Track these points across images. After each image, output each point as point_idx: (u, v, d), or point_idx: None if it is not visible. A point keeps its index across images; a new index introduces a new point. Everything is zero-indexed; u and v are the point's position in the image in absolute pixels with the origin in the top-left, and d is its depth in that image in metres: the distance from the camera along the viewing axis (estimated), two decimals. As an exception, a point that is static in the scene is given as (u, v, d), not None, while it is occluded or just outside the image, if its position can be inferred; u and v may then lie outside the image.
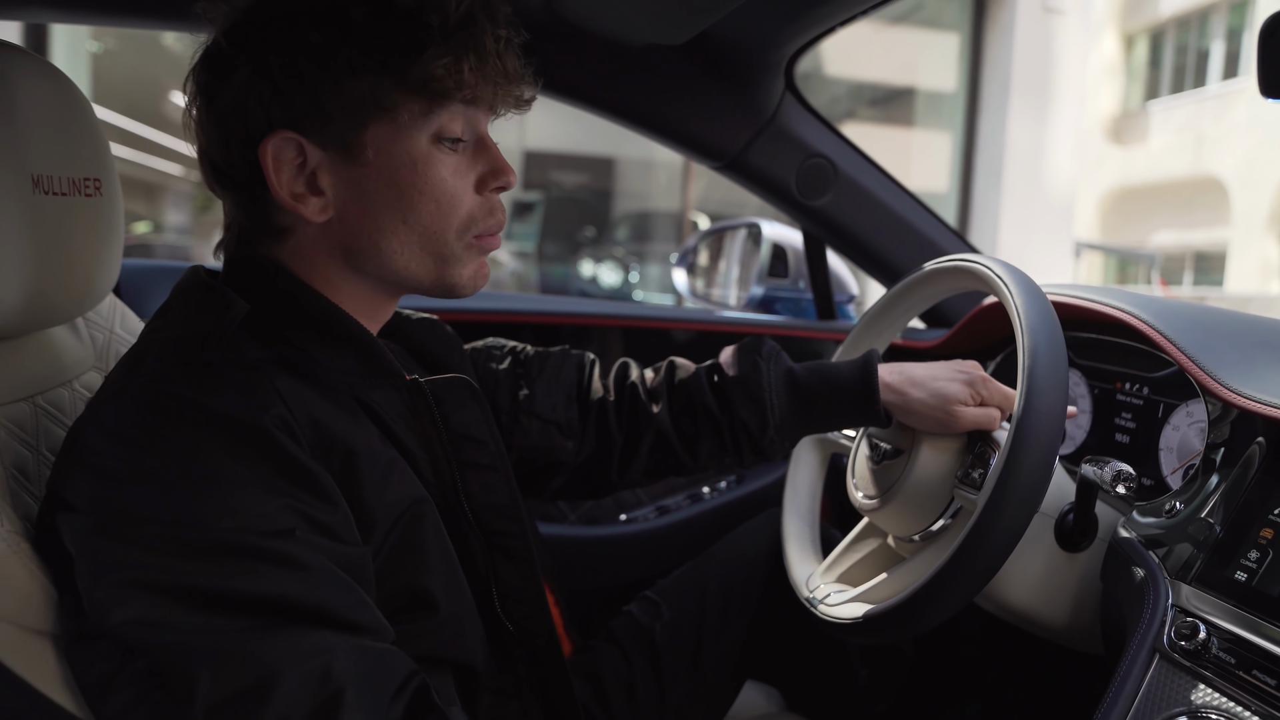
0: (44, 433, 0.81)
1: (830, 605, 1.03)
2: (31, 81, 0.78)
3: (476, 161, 0.80)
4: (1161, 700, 0.77)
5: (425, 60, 0.72)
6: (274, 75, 0.72)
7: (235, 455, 0.63)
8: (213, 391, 0.66)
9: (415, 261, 0.78)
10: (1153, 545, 0.91)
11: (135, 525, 0.60)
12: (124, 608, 0.58)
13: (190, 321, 0.74)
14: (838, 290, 1.79)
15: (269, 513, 0.63)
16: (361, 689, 0.61)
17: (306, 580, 0.63)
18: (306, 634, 0.61)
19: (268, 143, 0.73)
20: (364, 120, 0.73)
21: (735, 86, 1.37)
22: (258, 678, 0.58)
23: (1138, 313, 1.04)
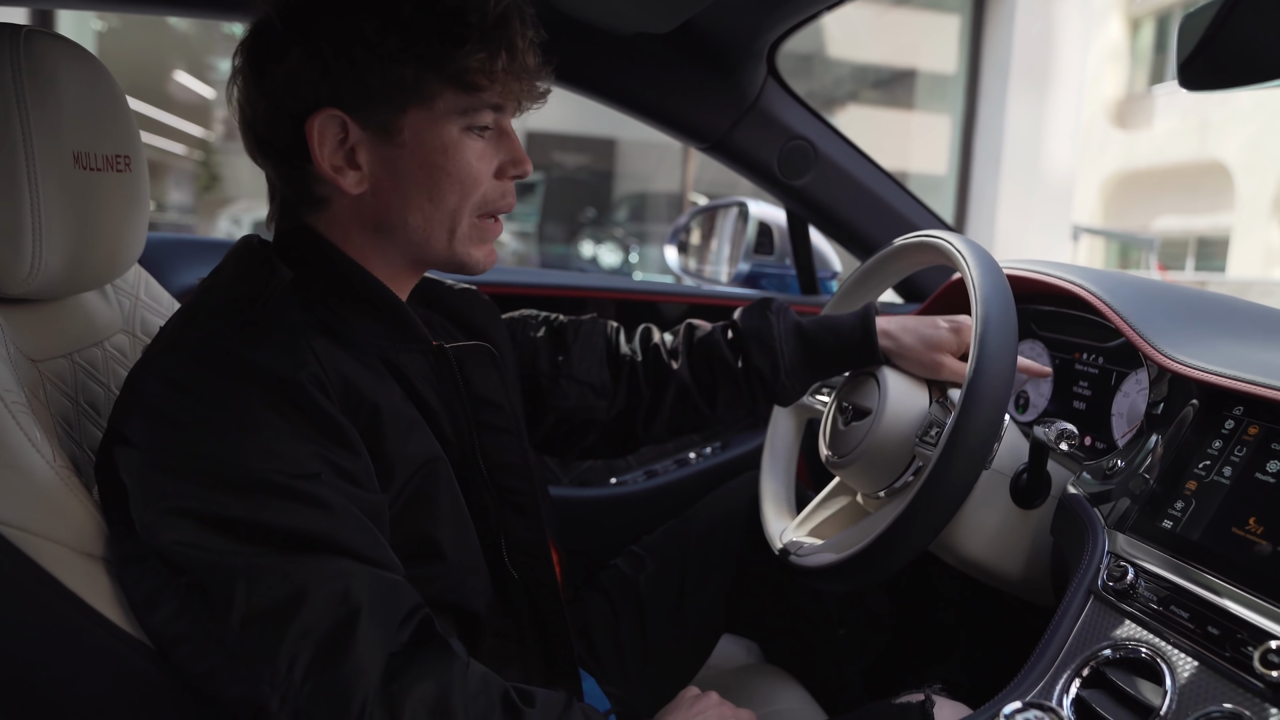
0: (81, 386, 0.89)
1: (801, 556, 1.11)
2: (69, 66, 0.86)
3: (499, 149, 0.87)
4: (1092, 635, 0.84)
5: (464, 54, 0.79)
6: (326, 57, 0.79)
7: (273, 406, 0.72)
8: (257, 348, 0.74)
9: (433, 236, 0.86)
10: (1098, 501, 0.98)
11: (183, 461, 0.69)
12: (170, 531, 0.67)
13: (241, 283, 0.82)
14: (820, 266, 1.86)
15: (299, 458, 0.71)
16: (375, 611, 0.70)
17: (329, 518, 0.71)
18: (329, 560, 0.69)
19: (315, 118, 0.79)
20: (404, 105, 0.80)
21: (720, 72, 1.44)
22: (286, 594, 0.67)
23: (1088, 285, 1.12)
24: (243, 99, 0.84)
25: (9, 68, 0.80)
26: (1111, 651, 0.81)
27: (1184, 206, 13.61)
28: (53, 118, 0.82)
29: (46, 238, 0.82)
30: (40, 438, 0.70)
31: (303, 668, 0.66)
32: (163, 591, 0.68)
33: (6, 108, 0.79)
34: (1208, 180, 12.98)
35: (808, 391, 1.24)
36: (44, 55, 0.83)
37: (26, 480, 0.67)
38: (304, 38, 0.79)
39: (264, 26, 0.82)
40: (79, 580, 0.67)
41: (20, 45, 0.81)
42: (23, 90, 0.80)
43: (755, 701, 1.20)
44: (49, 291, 0.86)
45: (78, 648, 0.67)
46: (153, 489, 0.68)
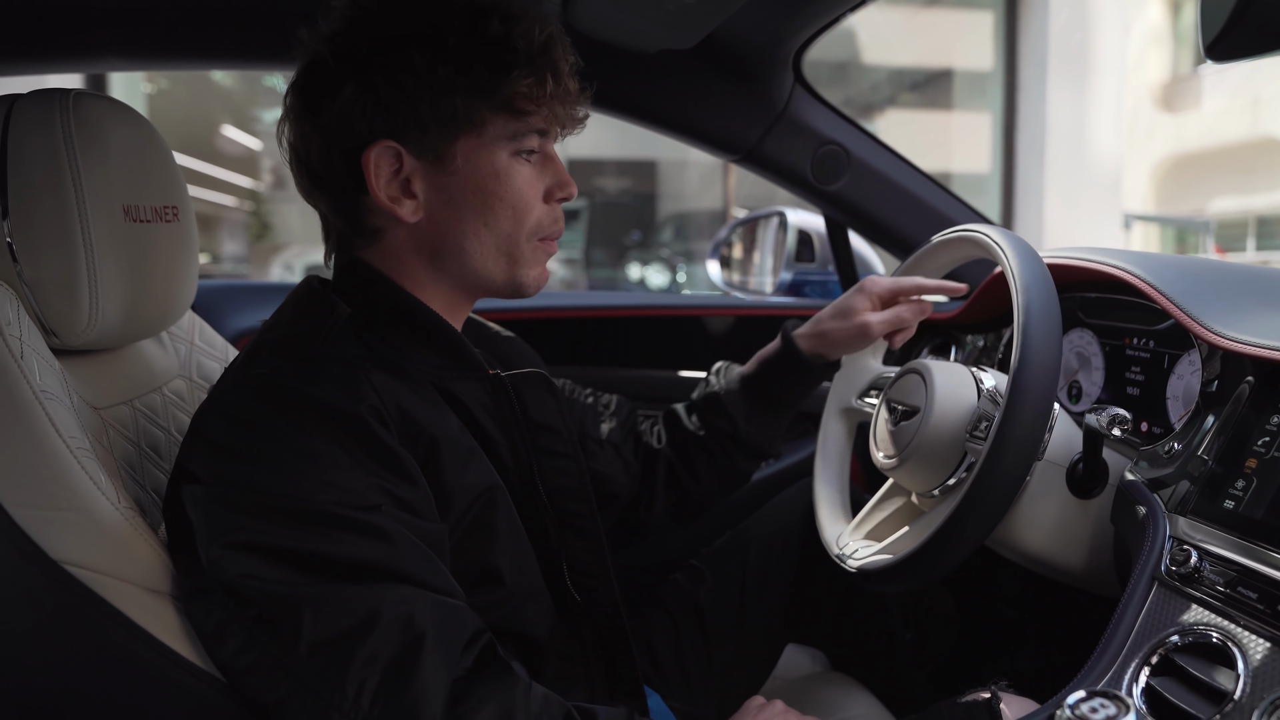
0: (143, 431, 0.92)
1: (858, 559, 1.11)
2: (116, 124, 0.90)
3: (545, 173, 0.89)
4: (1159, 622, 0.82)
5: (511, 81, 0.82)
6: (379, 90, 0.81)
7: (332, 439, 0.74)
8: (316, 383, 0.76)
9: (491, 261, 0.88)
10: (1156, 486, 0.96)
11: (247, 495, 0.71)
12: (236, 565, 0.69)
13: (300, 322, 0.85)
14: (862, 270, 1.85)
15: (360, 490, 0.73)
16: (439, 636, 0.71)
17: (390, 548, 0.72)
18: (393, 588, 0.71)
19: (370, 151, 0.82)
20: (455, 133, 0.83)
21: (746, 83, 1.44)
22: (352, 623, 0.69)
23: (1131, 268, 1.10)
24: (295, 138, 0.87)
25: (60, 128, 0.84)
26: (1180, 638, 0.79)
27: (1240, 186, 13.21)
28: (102, 174, 0.86)
29: (102, 289, 0.86)
30: (105, 481, 0.73)
31: (370, 694, 0.68)
32: (231, 624, 0.70)
33: (59, 167, 0.83)
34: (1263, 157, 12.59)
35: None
36: (91, 115, 0.87)
37: (93, 522, 0.70)
38: (357, 73, 0.82)
39: (316, 65, 0.84)
40: (147, 616, 0.69)
41: (70, 107, 0.85)
42: (73, 149, 0.84)
43: (824, 710, 1.19)
44: (107, 341, 0.90)
45: (148, 682, 0.69)
46: (218, 524, 0.70)
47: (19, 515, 0.69)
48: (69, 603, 0.68)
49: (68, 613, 0.69)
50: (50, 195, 0.83)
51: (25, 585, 0.70)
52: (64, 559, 0.69)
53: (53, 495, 0.70)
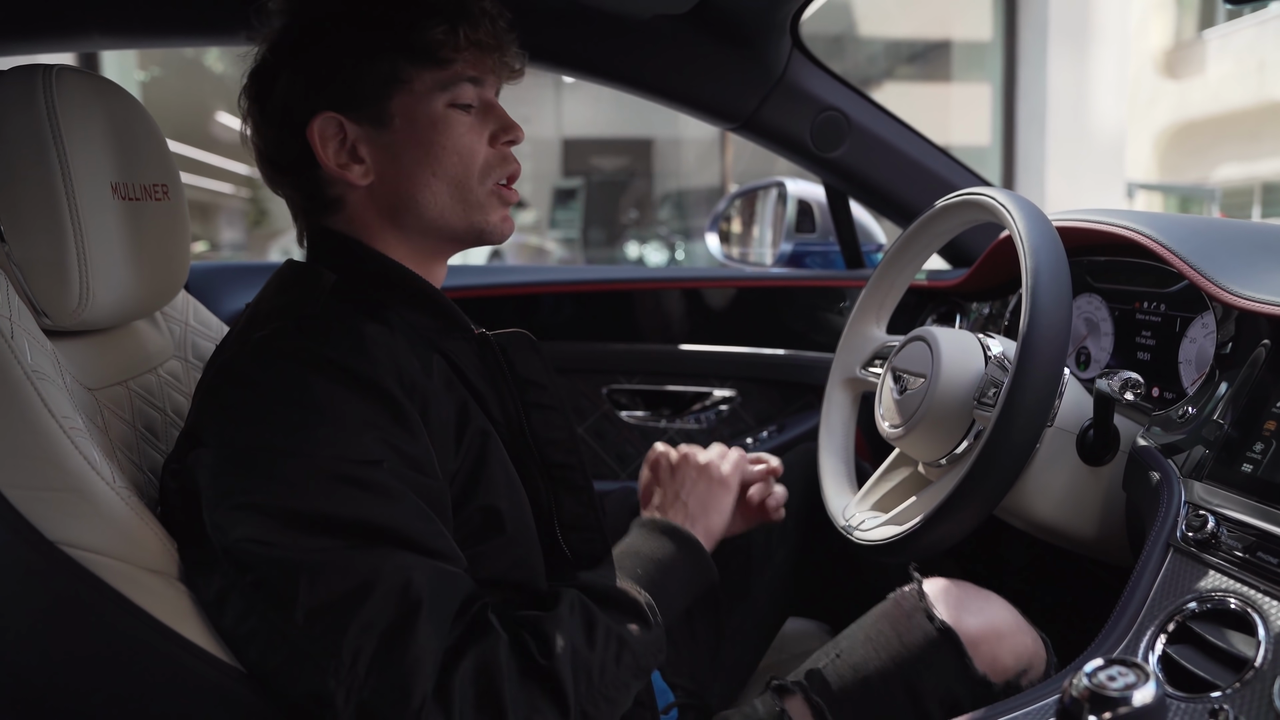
0: (138, 412, 0.91)
1: (864, 530, 1.09)
2: (102, 100, 0.88)
3: (487, 121, 0.90)
4: (1175, 589, 0.81)
5: (424, 31, 0.84)
6: (309, 69, 0.85)
7: (336, 392, 0.74)
8: (316, 339, 0.77)
9: (448, 210, 0.89)
10: (1170, 452, 0.95)
11: (249, 455, 0.72)
12: (238, 527, 0.69)
13: (290, 291, 0.87)
14: (864, 240, 1.83)
15: (364, 444, 0.73)
16: (435, 604, 0.71)
17: (392, 507, 0.72)
18: (392, 554, 0.71)
19: (313, 124, 0.85)
20: (388, 93, 0.86)
21: (743, 48, 1.42)
22: (350, 588, 0.68)
23: (1142, 229, 1.08)
24: (252, 134, 0.91)
25: (43, 104, 0.82)
26: (1197, 604, 0.78)
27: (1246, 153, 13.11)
28: (88, 151, 0.84)
29: (93, 268, 0.84)
30: (100, 461, 0.71)
31: (366, 660, 0.67)
32: (231, 591, 0.70)
33: (43, 144, 0.81)
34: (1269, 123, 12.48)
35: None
36: (75, 90, 0.85)
37: (89, 503, 0.69)
38: (291, 58, 0.86)
39: (258, 65, 0.89)
40: (146, 596, 0.68)
41: (52, 82, 0.83)
42: (57, 125, 0.82)
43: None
44: (100, 321, 0.88)
45: (146, 661, 0.68)
46: (221, 486, 0.71)
47: (14, 497, 0.68)
48: (67, 584, 0.68)
49: (66, 594, 0.68)
50: (35, 173, 0.81)
51: (23, 567, 0.69)
52: (61, 540, 0.68)
53: (47, 476, 0.69)
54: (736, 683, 1.22)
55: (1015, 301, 1.39)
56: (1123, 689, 0.55)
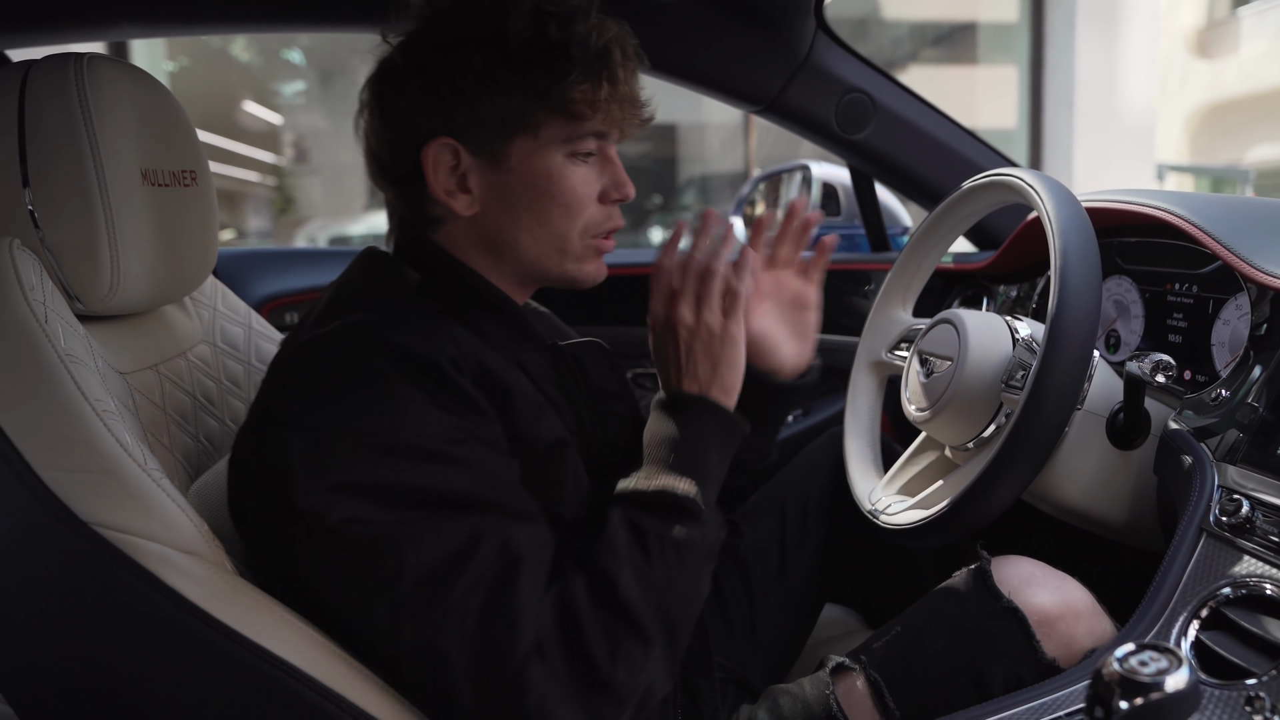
0: (168, 395, 0.92)
1: (890, 514, 1.09)
2: (132, 87, 0.89)
3: (602, 174, 0.91)
4: (1208, 574, 0.80)
5: (566, 85, 0.84)
6: (439, 90, 0.85)
7: (414, 383, 0.76)
8: (399, 332, 0.78)
9: (544, 256, 0.90)
10: (1203, 435, 0.93)
11: (338, 437, 0.73)
12: (336, 508, 0.71)
13: (375, 279, 0.88)
14: (890, 223, 1.82)
15: (444, 426, 0.76)
16: (533, 559, 0.74)
17: (480, 479, 0.75)
18: (486, 515, 0.74)
19: (430, 147, 0.85)
20: (511, 134, 0.86)
21: (767, 30, 1.41)
22: (452, 552, 0.71)
23: (1174, 209, 1.06)
24: (368, 129, 0.91)
25: (75, 92, 0.83)
26: (1231, 590, 0.77)
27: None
28: (119, 138, 0.85)
29: (123, 253, 0.85)
30: (131, 443, 0.72)
31: (474, 617, 0.71)
32: (333, 566, 0.72)
33: (76, 131, 0.82)
34: (1305, 104, 12.21)
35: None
36: (106, 78, 0.86)
37: (121, 484, 0.70)
38: (421, 73, 0.85)
39: (387, 63, 0.88)
40: (176, 576, 0.69)
41: (84, 71, 0.84)
42: (89, 112, 0.83)
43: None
44: (130, 306, 0.89)
45: (177, 641, 0.69)
46: (313, 468, 0.72)
47: (49, 478, 0.69)
48: (100, 564, 0.68)
49: (99, 573, 0.69)
50: (68, 159, 0.82)
51: (58, 547, 0.70)
52: (94, 521, 0.68)
53: (80, 458, 0.70)
54: (781, 664, 1.22)
55: (1043, 284, 1.37)
56: (1155, 674, 0.54)
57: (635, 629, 0.75)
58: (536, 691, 0.70)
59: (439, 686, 0.71)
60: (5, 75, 0.84)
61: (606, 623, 0.74)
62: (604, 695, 0.73)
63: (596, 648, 0.73)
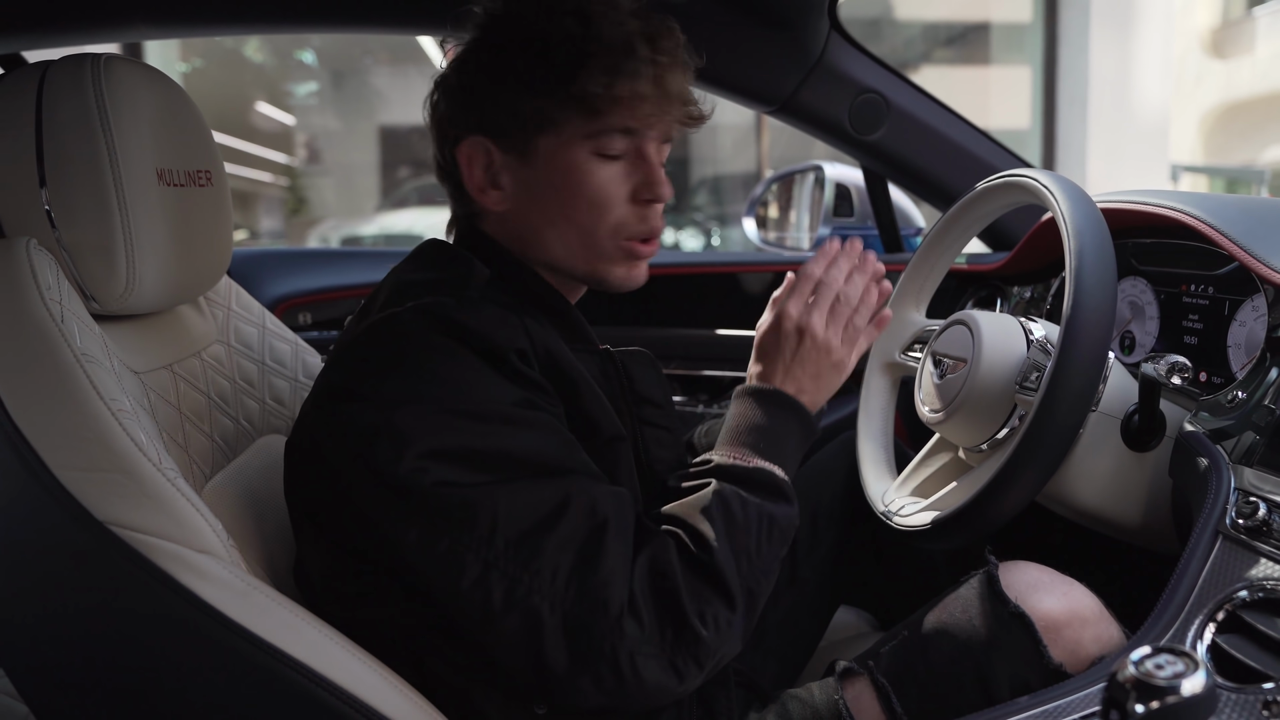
0: (183, 395, 0.93)
1: (904, 516, 1.08)
2: (149, 88, 0.89)
3: (634, 173, 0.90)
4: (1224, 578, 0.79)
5: (581, 81, 0.84)
6: (473, 92, 0.89)
7: (484, 360, 0.78)
8: (474, 317, 0.80)
9: (571, 254, 0.91)
10: (1219, 437, 0.93)
11: (422, 405, 0.75)
12: (427, 474, 0.73)
13: (446, 268, 0.90)
14: (903, 224, 1.81)
15: (514, 395, 0.78)
16: (619, 521, 0.76)
17: (556, 442, 0.78)
18: (573, 478, 0.76)
19: (464, 144, 0.89)
20: (535, 131, 0.87)
21: (781, 30, 1.41)
22: (544, 511, 0.73)
23: (1190, 210, 1.05)
24: (429, 126, 0.95)
25: (92, 92, 0.83)
26: (1248, 593, 0.76)
27: (1295, 135, 12.74)
28: (135, 137, 0.86)
29: (138, 253, 0.85)
30: (146, 443, 0.73)
31: (565, 575, 0.73)
32: (426, 531, 0.73)
33: (92, 131, 0.83)
34: (1321, 104, 12.11)
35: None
36: (123, 79, 0.86)
37: (136, 483, 0.70)
38: (460, 77, 0.90)
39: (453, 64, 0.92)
40: (191, 575, 0.69)
41: (101, 71, 0.84)
42: (106, 113, 0.83)
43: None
44: (145, 306, 0.90)
45: (191, 640, 0.70)
46: (398, 438, 0.74)
47: (65, 478, 0.70)
48: (115, 563, 0.69)
49: (114, 572, 0.69)
50: (84, 160, 0.83)
51: (74, 546, 0.71)
52: (109, 520, 0.69)
53: (96, 458, 0.70)
54: (792, 668, 1.22)
55: (1057, 285, 1.37)
56: (1171, 678, 0.53)
57: (724, 593, 0.77)
58: (629, 648, 0.72)
59: (531, 648, 0.72)
60: (22, 76, 0.85)
61: (698, 584, 0.76)
62: (689, 654, 0.75)
63: (689, 606, 0.74)
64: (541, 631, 0.72)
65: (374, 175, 9.93)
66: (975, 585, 0.97)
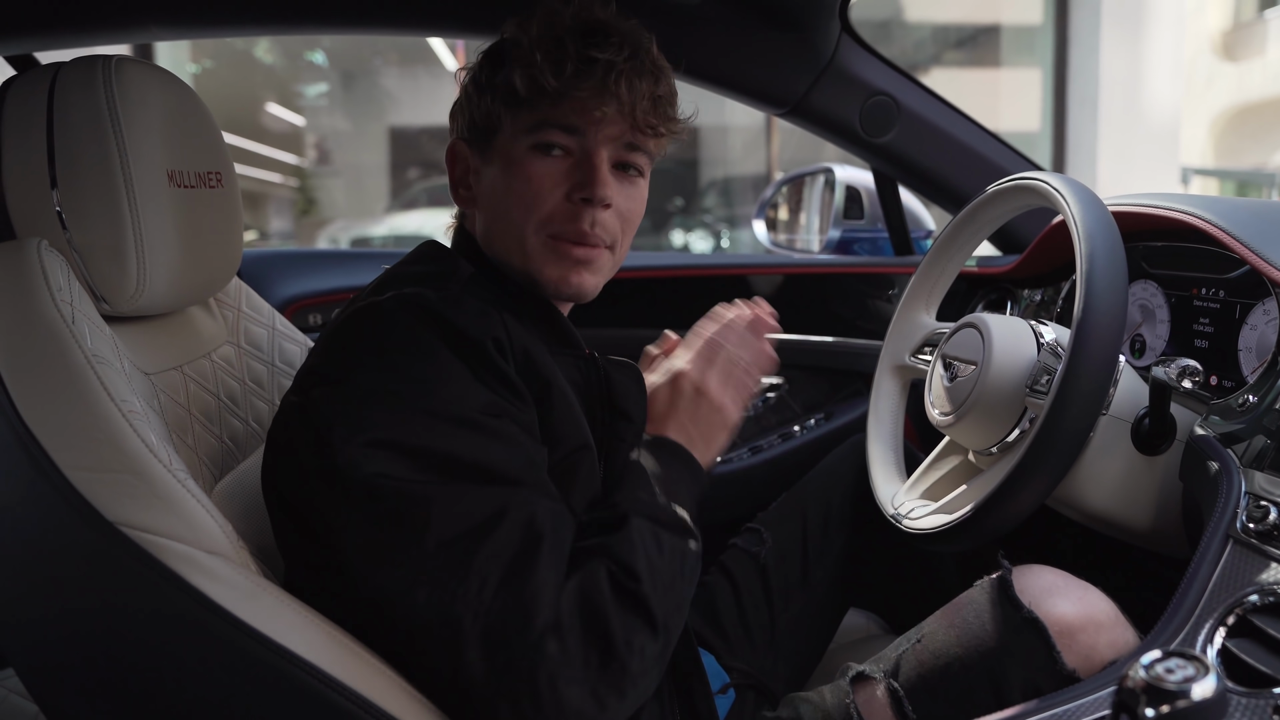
0: (193, 396, 0.93)
1: (913, 519, 1.08)
2: (160, 89, 0.90)
3: (574, 172, 0.90)
4: (1235, 581, 0.79)
5: (507, 73, 0.89)
6: (462, 98, 0.95)
7: (458, 355, 0.78)
8: (453, 310, 0.80)
9: (508, 251, 0.92)
10: (1230, 441, 0.92)
11: (382, 397, 0.75)
12: (372, 462, 0.72)
13: (432, 264, 0.92)
14: (913, 226, 1.81)
15: (482, 399, 0.77)
16: (554, 538, 0.75)
17: (509, 454, 0.76)
18: (516, 490, 0.75)
19: (451, 148, 0.96)
20: (492, 130, 0.92)
21: (792, 32, 1.40)
22: (480, 519, 0.72)
23: (1201, 213, 1.05)
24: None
25: (103, 94, 0.84)
26: (1259, 597, 0.76)
27: (1307, 138, 12.66)
28: (146, 139, 0.86)
29: (149, 254, 0.86)
30: (156, 444, 0.73)
31: (493, 587, 0.71)
32: (360, 519, 0.73)
33: (104, 132, 0.83)
34: (1333, 107, 12.04)
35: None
36: (134, 80, 0.86)
37: (146, 484, 0.70)
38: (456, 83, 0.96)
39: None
40: (200, 576, 0.69)
41: (113, 73, 0.85)
42: (117, 114, 0.84)
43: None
44: (156, 307, 0.90)
45: (200, 641, 0.69)
46: (351, 422, 0.74)
47: (75, 478, 0.70)
48: (124, 563, 0.69)
49: (123, 573, 0.69)
50: (96, 161, 0.83)
51: (84, 547, 0.70)
52: (119, 521, 0.69)
53: (106, 458, 0.70)
54: (801, 670, 1.21)
55: (1068, 288, 1.36)
56: (1182, 681, 0.53)
57: (649, 622, 0.76)
58: (549, 668, 0.70)
59: (449, 654, 0.71)
60: (34, 77, 0.85)
61: (626, 612, 0.75)
62: (613, 682, 0.73)
63: (615, 634, 0.73)
64: (461, 640, 0.70)
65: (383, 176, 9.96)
66: (988, 589, 0.96)
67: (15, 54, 1.31)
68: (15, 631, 0.78)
